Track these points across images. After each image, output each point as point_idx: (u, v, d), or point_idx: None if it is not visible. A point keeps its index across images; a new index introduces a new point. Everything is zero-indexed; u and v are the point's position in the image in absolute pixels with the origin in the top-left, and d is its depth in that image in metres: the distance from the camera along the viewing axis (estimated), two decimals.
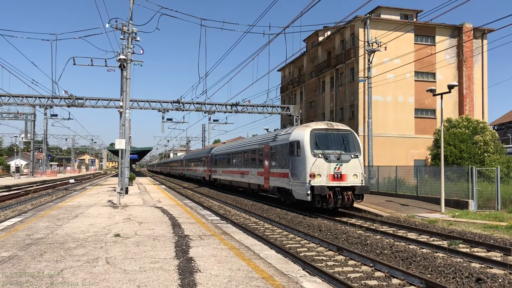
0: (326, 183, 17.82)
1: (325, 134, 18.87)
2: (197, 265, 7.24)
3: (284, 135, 21.29)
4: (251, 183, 26.86)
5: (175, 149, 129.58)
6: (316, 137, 18.62)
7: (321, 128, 19.05)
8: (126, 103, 23.91)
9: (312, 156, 18.09)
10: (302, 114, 49.11)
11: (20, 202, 23.87)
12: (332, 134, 19.00)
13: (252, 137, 31.49)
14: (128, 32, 23.58)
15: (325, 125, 19.27)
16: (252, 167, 26.57)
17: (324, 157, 18.07)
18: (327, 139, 18.81)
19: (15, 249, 8.49)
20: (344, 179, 18.13)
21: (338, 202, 17.92)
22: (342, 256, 10.58)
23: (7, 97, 37.56)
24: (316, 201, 17.75)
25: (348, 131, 19.42)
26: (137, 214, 14.75)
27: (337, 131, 19.13)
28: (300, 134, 19.19)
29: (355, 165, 18.38)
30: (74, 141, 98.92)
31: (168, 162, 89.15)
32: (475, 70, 41.19)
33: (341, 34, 43.01)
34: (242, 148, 29.77)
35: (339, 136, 19.00)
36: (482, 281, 8.01)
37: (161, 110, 39.83)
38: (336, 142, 18.82)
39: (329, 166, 17.98)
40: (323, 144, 18.55)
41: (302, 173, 18.39)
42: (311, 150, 18.22)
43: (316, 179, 17.83)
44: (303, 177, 18.34)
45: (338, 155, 18.24)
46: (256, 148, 26.02)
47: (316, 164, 17.93)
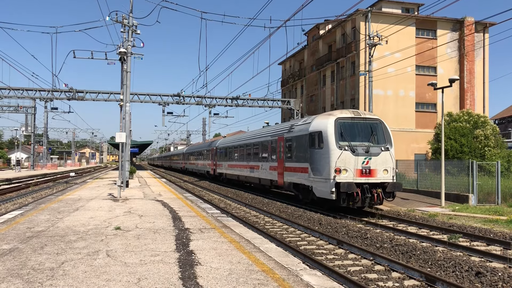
0: (353, 179, 15.88)
1: (351, 123, 16.78)
2: (198, 258, 7.26)
3: (302, 125, 19.21)
4: (262, 178, 24.95)
5: (175, 142, 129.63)
6: (342, 127, 16.55)
7: (347, 117, 16.89)
8: (127, 96, 23.88)
9: (337, 148, 16.08)
10: (302, 108, 49.04)
11: (21, 195, 23.91)
12: (359, 123, 16.88)
13: (262, 129, 29.55)
14: (129, 25, 23.51)
15: (351, 113, 17.13)
16: (264, 160, 24.67)
17: (350, 149, 16.08)
18: (354, 129, 16.73)
19: (16, 241, 8.51)
20: (374, 174, 16.16)
21: (366, 200, 15.92)
22: (342, 249, 10.60)
23: (7, 90, 37.51)
24: (342, 200, 15.77)
25: (377, 120, 17.33)
26: (137, 207, 14.78)
27: (365, 120, 17.01)
28: (322, 124, 17.11)
29: (385, 158, 16.36)
30: (74, 134, 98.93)
31: (170, 156, 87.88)
32: (477, 64, 41.06)
33: (342, 28, 42.85)
34: (251, 141, 27.78)
35: (367, 126, 16.92)
36: (481, 275, 8.03)
37: (161, 104, 39.78)
38: (364, 132, 16.77)
39: (356, 160, 16.04)
40: (349, 134, 16.52)
41: (325, 168, 16.42)
42: (336, 142, 16.20)
43: (342, 175, 15.89)
44: (326, 173, 16.37)
45: (366, 148, 16.22)
46: (268, 140, 23.98)
47: (341, 157, 15.97)
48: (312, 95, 50.93)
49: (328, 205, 17.11)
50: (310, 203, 18.69)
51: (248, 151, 28.21)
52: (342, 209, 16.92)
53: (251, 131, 32.31)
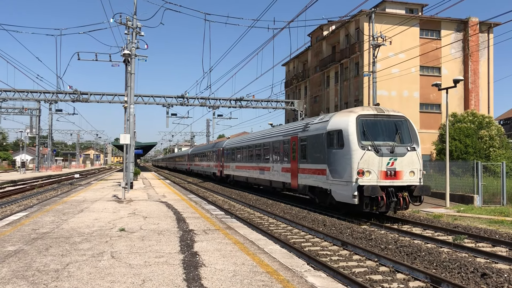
0: (378, 181, 14.66)
1: (374, 121, 15.57)
2: (202, 260, 7.26)
3: (319, 124, 17.97)
4: (274, 180, 23.60)
5: (179, 144, 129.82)
6: (364, 125, 15.35)
7: (369, 114, 15.68)
8: (131, 98, 23.94)
9: (359, 148, 14.88)
10: (306, 109, 49.00)
11: (26, 197, 24.00)
12: (382, 121, 15.67)
13: (273, 128, 28.12)
14: (133, 27, 23.58)
15: (374, 110, 15.93)
16: (275, 162, 23.36)
17: (374, 149, 14.86)
18: (377, 127, 15.56)
19: (21, 243, 8.54)
20: (399, 176, 14.92)
21: (392, 205, 14.69)
22: (346, 251, 10.57)
23: (12, 92, 37.70)
24: (365, 205, 14.56)
25: (402, 117, 16.11)
26: (142, 208, 14.80)
27: (388, 117, 15.79)
28: (342, 122, 15.87)
29: (412, 159, 15.13)
30: (79, 136, 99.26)
31: (174, 157, 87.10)
32: (481, 65, 40.92)
33: (346, 29, 42.79)
34: (261, 141, 26.40)
35: (391, 124, 15.71)
36: (487, 276, 7.98)
37: (165, 105, 39.89)
38: (388, 131, 15.59)
39: (380, 161, 14.80)
40: (373, 133, 15.30)
41: (346, 169, 15.17)
42: (358, 141, 15.00)
43: (365, 177, 14.65)
44: (347, 175, 15.12)
45: (391, 147, 15.00)
46: (280, 140, 22.61)
47: (364, 158, 14.75)
48: (316, 96, 50.89)
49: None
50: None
51: (257, 151, 26.98)
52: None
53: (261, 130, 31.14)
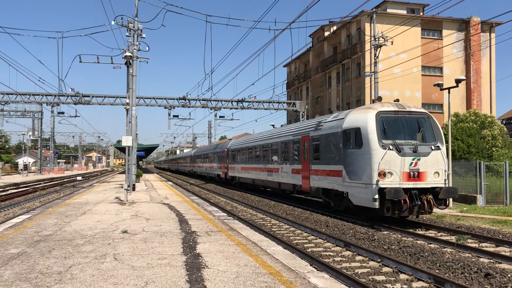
0: (400, 183, 13.60)
1: (395, 118, 14.47)
2: (205, 261, 7.25)
3: (333, 122, 16.89)
4: (283, 182, 22.51)
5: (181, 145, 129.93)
6: (384, 122, 14.22)
7: (390, 110, 14.56)
8: (133, 100, 23.97)
9: (380, 147, 13.78)
10: (308, 110, 48.99)
11: (28, 200, 24.05)
12: (404, 118, 14.56)
13: (282, 127, 26.80)
14: (134, 29, 23.61)
15: (394, 106, 14.78)
16: (284, 163, 22.19)
17: (396, 149, 13.78)
18: (398, 124, 14.44)
19: (24, 245, 8.55)
20: (423, 178, 13.88)
21: (415, 209, 13.65)
22: (349, 251, 10.55)
23: (14, 95, 37.79)
24: (386, 209, 13.48)
25: (425, 114, 14.99)
26: (144, 210, 14.81)
27: (410, 114, 14.68)
28: (360, 119, 14.77)
29: (436, 159, 14.08)
30: (81, 138, 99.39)
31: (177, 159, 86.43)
32: (483, 64, 40.86)
33: (347, 29, 42.78)
34: (269, 141, 25.18)
35: (414, 121, 14.61)
36: (491, 276, 7.96)
37: (167, 107, 39.90)
38: (410, 128, 14.50)
39: (403, 161, 13.75)
40: (394, 131, 14.20)
41: (366, 170, 14.09)
42: (379, 140, 13.89)
43: (386, 179, 13.58)
44: (366, 176, 14.07)
45: (414, 147, 13.94)
46: (290, 139, 21.48)
47: (386, 158, 13.67)
48: (318, 97, 50.88)
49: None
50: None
51: (265, 152, 25.82)
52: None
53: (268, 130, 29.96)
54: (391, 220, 14.75)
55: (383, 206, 13.50)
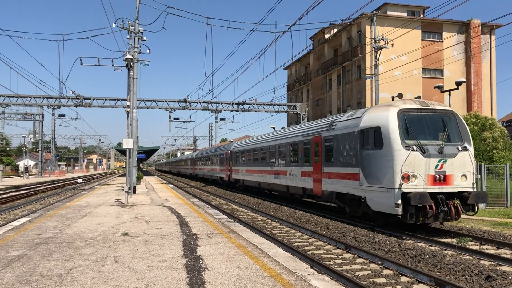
0: (424, 188, 12.56)
1: (418, 116, 13.41)
2: (205, 264, 7.25)
3: (349, 121, 15.79)
4: (291, 186, 21.45)
5: (182, 148, 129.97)
6: (407, 121, 13.19)
7: (412, 108, 13.48)
8: (133, 102, 23.99)
9: (403, 148, 12.69)
10: (308, 112, 49.01)
11: (29, 202, 24.06)
12: (428, 116, 13.51)
13: (289, 128, 25.54)
14: (135, 32, 23.66)
15: (417, 103, 13.69)
16: (293, 165, 21.09)
17: (420, 150, 12.74)
18: (422, 123, 13.40)
19: (25, 248, 8.56)
20: (450, 182, 12.81)
21: (441, 215, 12.58)
22: (350, 254, 10.54)
23: (15, 97, 37.87)
24: (409, 215, 12.45)
25: (450, 111, 13.90)
26: (145, 213, 14.81)
27: (434, 112, 13.61)
28: (381, 117, 13.63)
29: (463, 161, 13.02)
30: (82, 141, 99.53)
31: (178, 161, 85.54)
32: (483, 66, 40.89)
33: (348, 32, 42.84)
34: (276, 142, 24.11)
35: (438, 119, 13.56)
36: (492, 279, 7.95)
37: (168, 110, 39.96)
38: (435, 127, 13.45)
39: (427, 163, 12.70)
40: (417, 130, 13.16)
41: (387, 173, 12.97)
42: (402, 140, 12.81)
43: (410, 183, 12.51)
44: (388, 180, 12.93)
45: (439, 147, 12.89)
46: (299, 140, 20.36)
47: (409, 160, 12.59)
48: (318, 99, 50.91)
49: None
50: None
51: (272, 154, 24.74)
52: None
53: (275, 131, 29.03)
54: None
55: (406, 212, 12.45)
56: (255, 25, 23.68)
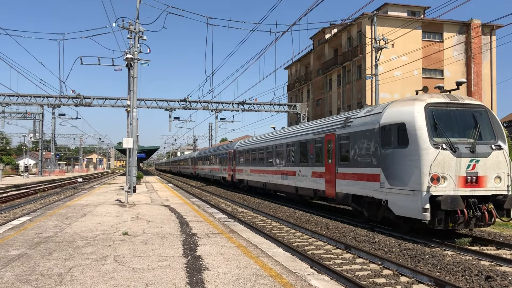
0: (455, 190, 11.47)
1: (447, 111, 12.28)
2: (205, 263, 7.25)
3: (367, 117, 14.62)
4: (301, 187, 20.22)
5: (182, 147, 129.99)
6: (435, 116, 12.03)
7: (441, 102, 12.32)
8: (134, 102, 23.99)
9: (431, 146, 11.58)
10: (309, 112, 49.02)
11: (29, 201, 24.05)
12: (457, 111, 12.35)
13: (299, 125, 24.03)
14: (135, 31, 23.65)
15: (445, 97, 12.52)
16: (303, 165, 19.94)
17: (450, 148, 11.63)
18: (451, 119, 12.25)
19: (25, 247, 8.56)
20: (482, 184, 11.71)
21: (472, 221, 11.50)
22: (350, 254, 10.54)
23: (15, 96, 37.88)
24: (437, 221, 11.37)
25: (481, 106, 12.76)
26: (145, 212, 14.81)
27: (464, 107, 12.46)
28: (405, 112, 12.49)
29: (497, 161, 11.93)
30: (82, 140, 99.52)
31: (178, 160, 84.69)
32: (484, 67, 40.88)
33: (348, 32, 42.83)
34: (283, 141, 22.97)
35: (469, 115, 12.41)
36: (492, 279, 7.94)
37: (168, 109, 39.97)
38: (465, 124, 12.31)
39: (458, 164, 11.59)
40: (447, 127, 12.02)
41: (413, 174, 11.83)
42: (430, 138, 11.70)
43: (439, 185, 11.43)
44: (414, 182, 11.79)
45: (471, 146, 11.81)
46: (310, 139, 19.19)
47: (438, 160, 11.49)
48: (319, 99, 50.91)
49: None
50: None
51: (279, 153, 23.57)
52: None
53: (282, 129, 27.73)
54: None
55: (434, 217, 11.37)
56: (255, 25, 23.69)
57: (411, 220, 12.26)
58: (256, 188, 28.49)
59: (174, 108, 39.96)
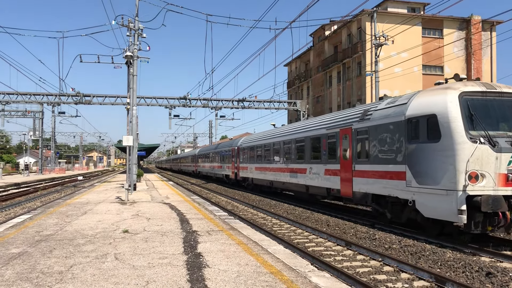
0: (495, 189, 10.29)
1: (484, 101, 11.01)
2: (206, 261, 7.25)
3: (390, 109, 13.36)
4: (312, 185, 18.93)
5: (182, 145, 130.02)
6: (471, 107, 10.79)
7: (476, 91, 11.08)
8: (133, 100, 23.97)
9: (468, 140, 10.41)
10: (309, 109, 48.98)
11: (29, 199, 24.07)
12: (495, 101, 11.09)
13: (309, 120, 22.51)
14: (134, 29, 23.61)
15: (480, 86, 11.25)
16: (314, 162, 18.68)
17: (489, 142, 10.43)
18: (489, 110, 10.99)
19: (25, 245, 8.56)
20: None
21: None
22: (350, 251, 10.55)
23: (15, 95, 37.86)
24: (474, 224, 10.29)
25: None
26: (145, 210, 14.81)
27: (501, 96, 11.19)
28: (437, 103, 11.28)
29: None
30: (82, 138, 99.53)
31: (179, 158, 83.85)
32: (484, 63, 40.84)
33: (348, 28, 42.76)
34: (292, 136, 21.60)
35: (508, 105, 11.13)
36: (492, 275, 7.95)
37: (168, 107, 39.96)
38: (504, 115, 11.06)
39: (498, 160, 10.40)
40: (484, 119, 10.76)
41: (447, 172, 10.66)
42: (466, 131, 10.51)
43: (478, 184, 10.25)
44: (447, 180, 10.64)
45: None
46: (323, 134, 17.89)
47: (476, 155, 10.32)
48: (318, 96, 50.88)
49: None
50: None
51: (287, 149, 22.20)
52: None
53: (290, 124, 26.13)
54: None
55: (471, 220, 10.26)
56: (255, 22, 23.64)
57: (442, 223, 11.35)
58: (262, 186, 27.37)
59: (174, 105, 39.96)
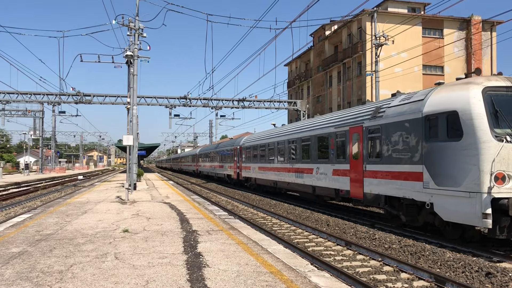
0: None
1: (509, 96, 10.29)
2: (205, 260, 7.26)
3: (405, 106, 12.62)
4: (319, 186, 18.16)
5: (182, 145, 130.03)
6: (495, 103, 10.10)
7: (501, 86, 10.38)
8: (134, 99, 23.98)
9: (493, 139, 9.74)
10: (309, 109, 48.99)
11: (30, 199, 24.08)
12: None
13: (316, 118, 21.41)
14: (135, 29, 23.61)
15: (505, 80, 10.53)
16: (322, 162, 17.87)
17: None
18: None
19: (25, 245, 8.56)
20: None
21: None
22: (350, 250, 10.55)
23: (15, 94, 37.87)
24: (499, 229, 9.65)
25: None
26: (145, 209, 14.81)
27: None
28: (458, 98, 10.58)
29: None
30: (82, 137, 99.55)
31: (180, 158, 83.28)
32: (484, 63, 40.82)
33: (348, 28, 42.76)
34: (298, 135, 20.71)
35: None
36: (492, 275, 7.95)
37: (168, 106, 39.96)
38: None
39: None
40: (509, 115, 10.05)
41: (470, 172, 9.95)
42: (490, 129, 9.84)
43: (504, 186, 9.59)
44: (470, 181, 9.93)
45: None
46: (331, 132, 17.09)
47: (503, 155, 9.65)
48: (319, 96, 50.88)
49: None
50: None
51: (292, 149, 21.38)
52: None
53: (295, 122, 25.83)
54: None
55: (496, 224, 9.60)
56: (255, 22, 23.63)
57: (461, 227, 10.79)
58: (265, 186, 26.56)
59: (174, 105, 39.96)
